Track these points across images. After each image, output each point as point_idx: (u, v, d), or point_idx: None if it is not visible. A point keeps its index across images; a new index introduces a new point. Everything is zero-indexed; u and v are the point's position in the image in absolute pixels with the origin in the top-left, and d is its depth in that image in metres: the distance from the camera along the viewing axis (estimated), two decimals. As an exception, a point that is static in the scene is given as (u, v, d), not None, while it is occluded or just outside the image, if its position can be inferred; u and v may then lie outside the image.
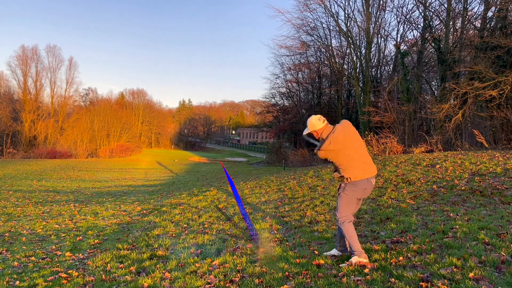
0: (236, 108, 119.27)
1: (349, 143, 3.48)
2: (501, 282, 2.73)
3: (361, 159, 3.51)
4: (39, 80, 51.65)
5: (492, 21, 14.94)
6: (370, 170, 3.53)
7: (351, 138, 3.51)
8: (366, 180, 3.50)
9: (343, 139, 3.45)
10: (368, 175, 3.51)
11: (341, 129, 3.49)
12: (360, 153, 3.53)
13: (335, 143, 3.43)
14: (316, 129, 3.56)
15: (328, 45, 29.06)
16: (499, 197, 5.48)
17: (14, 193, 12.62)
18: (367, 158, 3.58)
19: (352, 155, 3.48)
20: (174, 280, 3.62)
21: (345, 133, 3.49)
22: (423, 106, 18.43)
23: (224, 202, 8.24)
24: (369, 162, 3.56)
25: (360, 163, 3.49)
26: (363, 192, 3.57)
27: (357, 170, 3.48)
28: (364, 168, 3.50)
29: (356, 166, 3.48)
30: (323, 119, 3.59)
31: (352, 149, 3.49)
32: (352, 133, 3.54)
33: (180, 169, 31.10)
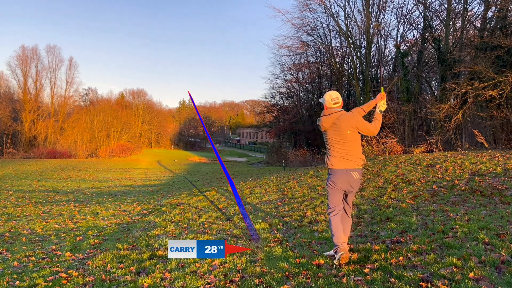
0: (236, 108, 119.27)
1: (335, 131, 3.58)
2: (501, 282, 2.73)
3: (344, 151, 3.56)
4: (39, 80, 51.67)
5: (492, 21, 14.94)
6: (350, 163, 3.55)
7: (340, 127, 3.57)
8: (344, 171, 3.54)
9: (329, 125, 3.60)
10: (347, 166, 3.54)
11: (334, 116, 3.60)
12: (345, 145, 3.57)
13: (321, 123, 3.67)
14: (324, 104, 3.75)
15: (328, 45, 29.07)
16: (499, 197, 5.48)
17: (14, 193, 12.62)
18: (353, 151, 3.58)
19: (333, 143, 3.60)
20: (174, 280, 3.62)
21: (335, 120, 3.58)
22: (423, 106, 18.43)
23: (224, 202, 8.24)
24: (353, 155, 3.57)
25: (341, 153, 3.56)
26: (344, 183, 3.59)
27: (336, 159, 3.58)
28: (344, 159, 3.55)
29: (335, 155, 3.58)
30: (336, 100, 3.69)
31: (336, 137, 3.58)
32: (345, 123, 3.57)
33: (180, 169, 31.10)
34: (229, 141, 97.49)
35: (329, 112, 3.64)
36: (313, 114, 33.34)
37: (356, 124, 3.60)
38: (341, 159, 3.56)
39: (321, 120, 3.66)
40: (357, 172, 3.58)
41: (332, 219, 3.68)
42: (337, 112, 3.63)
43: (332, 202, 3.69)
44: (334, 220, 3.65)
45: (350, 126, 3.58)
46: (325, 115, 3.65)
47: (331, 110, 3.66)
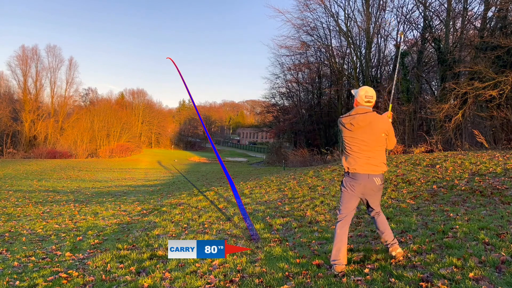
0: (236, 108, 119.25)
1: (367, 132, 3.30)
2: (501, 282, 2.73)
3: (370, 153, 3.31)
4: (39, 80, 51.65)
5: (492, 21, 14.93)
6: (374, 168, 3.31)
7: (376, 128, 3.30)
8: (367, 176, 3.30)
9: (365, 124, 3.29)
10: (370, 171, 3.30)
11: (371, 116, 3.29)
12: (374, 148, 3.31)
13: (356, 121, 3.30)
14: (355, 97, 3.48)
15: (328, 45, 29.07)
16: (499, 197, 5.48)
17: (14, 193, 12.62)
18: (379, 156, 3.35)
19: (361, 145, 3.31)
20: (174, 280, 3.62)
21: (371, 120, 3.29)
22: (423, 106, 18.43)
23: (224, 202, 8.24)
24: (378, 160, 3.33)
25: (367, 156, 3.30)
26: (365, 189, 3.35)
27: (359, 163, 3.31)
28: (369, 163, 3.30)
29: (360, 158, 3.31)
30: (370, 99, 3.37)
31: (367, 138, 3.29)
32: (381, 125, 3.32)
33: (180, 169, 31.10)
34: (229, 141, 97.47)
35: (363, 111, 3.32)
36: (313, 114, 33.35)
37: (388, 130, 3.37)
38: (366, 163, 3.31)
39: (356, 118, 3.29)
40: (379, 178, 3.35)
41: (337, 228, 3.42)
42: (372, 112, 3.34)
43: (345, 208, 3.43)
44: (341, 230, 3.40)
45: (384, 129, 3.34)
46: (359, 113, 3.30)
47: (364, 108, 3.36)
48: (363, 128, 3.29)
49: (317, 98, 34.48)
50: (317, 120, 32.82)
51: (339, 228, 3.42)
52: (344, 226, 3.42)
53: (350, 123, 3.33)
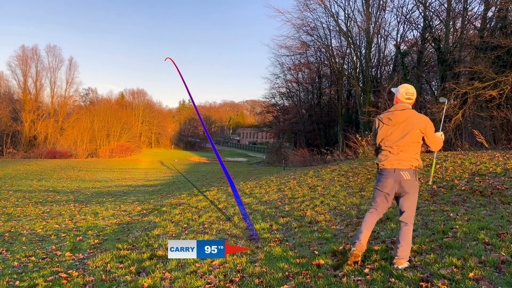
0: (236, 108, 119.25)
1: (403, 129, 3.31)
2: (501, 282, 2.73)
3: (401, 148, 3.30)
4: (39, 80, 51.65)
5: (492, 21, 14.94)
6: (403, 162, 3.29)
7: (411, 124, 3.30)
8: (393, 170, 3.30)
9: (402, 120, 3.31)
10: (397, 165, 3.29)
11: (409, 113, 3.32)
12: (407, 144, 3.30)
13: (394, 117, 3.34)
14: (396, 95, 3.50)
15: (328, 45, 29.08)
16: (499, 197, 5.48)
17: (14, 193, 12.62)
18: (412, 152, 3.31)
19: (394, 140, 3.33)
20: (174, 280, 3.62)
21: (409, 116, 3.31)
22: (423, 106, 18.43)
23: (224, 202, 8.24)
24: (409, 155, 3.30)
25: (397, 151, 3.32)
26: (393, 185, 3.32)
27: (388, 158, 3.35)
28: (398, 159, 3.30)
29: (391, 153, 3.34)
30: (410, 96, 3.39)
31: (401, 134, 3.31)
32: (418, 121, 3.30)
33: (180, 169, 31.10)
34: (229, 141, 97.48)
35: (402, 107, 3.35)
36: (313, 114, 33.37)
37: (427, 127, 3.31)
38: (396, 158, 3.31)
39: (394, 114, 3.34)
40: (407, 172, 3.28)
41: (366, 215, 3.50)
42: (411, 109, 3.36)
43: (375, 202, 3.49)
44: (368, 216, 3.47)
45: (421, 126, 3.29)
46: (398, 110, 3.35)
47: (403, 105, 3.38)
48: (400, 124, 3.33)
49: (317, 98, 34.50)
50: (317, 120, 32.83)
51: (366, 217, 3.50)
52: (371, 217, 3.48)
53: (388, 118, 3.38)
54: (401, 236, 3.30)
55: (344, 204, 6.51)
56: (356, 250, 3.36)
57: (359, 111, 22.81)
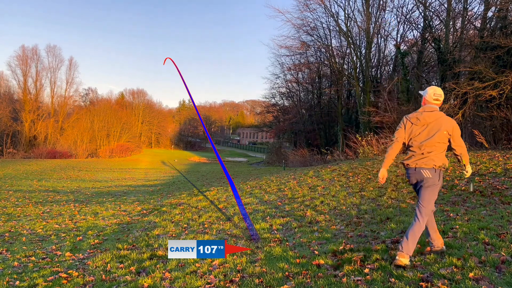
0: (236, 108, 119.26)
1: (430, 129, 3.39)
2: (501, 282, 2.73)
3: (427, 149, 3.37)
4: (39, 80, 51.64)
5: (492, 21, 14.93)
6: (425, 161, 3.38)
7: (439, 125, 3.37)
8: (413, 169, 3.44)
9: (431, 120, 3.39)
10: (420, 165, 3.39)
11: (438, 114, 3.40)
12: (430, 144, 3.37)
13: (422, 117, 3.41)
14: (424, 96, 3.55)
15: (328, 45, 29.08)
16: (499, 197, 5.48)
17: (14, 193, 12.62)
18: (437, 152, 3.38)
19: (421, 140, 3.40)
20: (174, 280, 3.62)
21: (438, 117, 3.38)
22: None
23: (224, 202, 8.24)
24: (433, 155, 3.37)
25: (421, 151, 3.40)
26: (415, 181, 3.48)
27: (414, 157, 3.46)
28: (422, 158, 3.40)
29: (416, 152, 3.43)
30: (438, 97, 3.46)
31: (429, 134, 3.38)
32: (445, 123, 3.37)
33: (180, 169, 31.11)
34: (229, 141, 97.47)
35: (430, 109, 3.43)
36: (313, 114, 33.38)
37: (454, 130, 3.38)
38: (420, 158, 3.41)
39: (423, 115, 3.42)
40: (428, 171, 3.37)
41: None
42: (438, 111, 3.44)
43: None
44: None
45: (449, 128, 3.36)
46: (426, 111, 3.43)
47: (432, 106, 3.45)
48: (428, 124, 3.41)
49: (317, 98, 34.50)
50: (317, 120, 32.84)
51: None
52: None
53: (416, 118, 3.46)
54: (411, 231, 3.35)
55: (344, 204, 6.51)
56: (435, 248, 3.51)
57: (359, 111, 22.80)
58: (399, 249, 3.31)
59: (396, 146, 3.58)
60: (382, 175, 3.64)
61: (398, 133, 3.56)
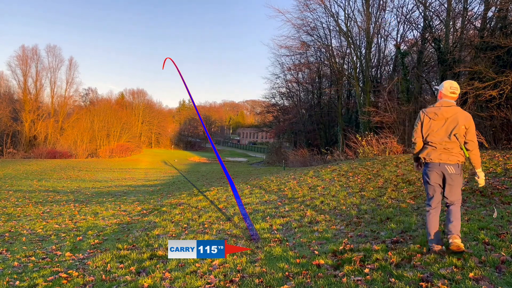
0: (236, 108, 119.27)
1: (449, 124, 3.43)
2: (501, 282, 2.73)
3: (446, 145, 3.45)
4: (39, 80, 51.64)
5: (492, 21, 14.93)
6: (448, 157, 3.45)
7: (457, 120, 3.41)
8: (438, 164, 3.46)
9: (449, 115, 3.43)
10: (444, 160, 3.45)
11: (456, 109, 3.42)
12: (451, 139, 3.43)
13: (440, 112, 3.45)
14: (440, 90, 3.58)
15: (328, 45, 29.07)
16: (499, 197, 5.48)
17: (14, 193, 12.62)
18: (456, 148, 3.46)
19: (440, 135, 3.45)
20: (174, 280, 3.62)
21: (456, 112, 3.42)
22: (423, 106, 18.40)
23: (224, 202, 8.24)
24: (453, 150, 3.45)
25: (442, 147, 3.46)
26: (438, 177, 3.49)
27: (434, 152, 3.48)
28: (444, 153, 3.45)
29: (437, 147, 3.47)
30: (454, 90, 3.50)
31: (447, 129, 3.43)
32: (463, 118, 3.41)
33: (180, 169, 31.11)
34: (229, 141, 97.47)
35: (447, 104, 3.47)
36: (313, 114, 33.37)
37: (470, 124, 3.44)
38: (442, 153, 3.46)
39: (441, 109, 3.46)
40: (452, 166, 3.45)
41: (427, 217, 3.59)
42: (455, 106, 3.48)
43: (429, 197, 3.61)
44: (429, 218, 3.55)
45: (466, 122, 3.42)
46: (444, 106, 3.47)
47: (449, 101, 3.49)
48: (446, 119, 3.45)
49: (317, 98, 34.50)
50: (317, 120, 32.84)
51: (427, 215, 3.59)
52: (429, 212, 3.56)
53: (434, 113, 3.50)
54: (451, 215, 3.44)
55: (344, 204, 6.51)
56: (436, 247, 3.48)
57: (359, 111, 22.79)
58: (449, 233, 3.33)
59: (418, 146, 3.66)
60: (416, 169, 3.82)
61: (417, 133, 3.62)
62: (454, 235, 3.32)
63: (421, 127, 3.58)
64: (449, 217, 3.45)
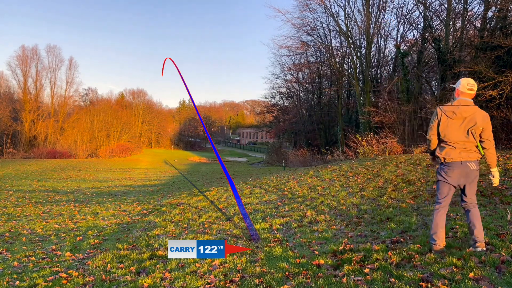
0: (236, 108, 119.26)
1: (467, 123, 3.39)
2: (501, 282, 2.73)
3: (464, 144, 3.42)
4: (39, 80, 51.63)
5: (492, 21, 14.93)
6: (468, 154, 3.42)
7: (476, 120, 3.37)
8: (460, 163, 3.42)
9: (468, 115, 3.38)
10: (464, 158, 3.41)
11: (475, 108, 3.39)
12: (468, 138, 3.40)
13: (459, 111, 3.40)
14: (457, 88, 3.55)
15: (328, 45, 29.07)
16: (499, 197, 5.48)
17: (14, 193, 12.62)
18: (472, 145, 3.43)
19: (459, 134, 3.41)
20: (174, 280, 3.62)
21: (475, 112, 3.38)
22: (423, 106, 18.42)
23: (224, 202, 8.24)
24: (471, 148, 3.43)
25: (461, 146, 3.42)
26: (460, 176, 3.45)
27: (454, 152, 3.44)
28: (463, 151, 3.42)
29: (455, 147, 3.43)
30: (472, 87, 3.47)
31: (466, 128, 3.40)
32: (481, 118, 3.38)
33: (180, 169, 31.11)
34: (229, 141, 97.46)
35: (466, 103, 3.43)
36: (313, 114, 33.38)
37: (487, 124, 3.41)
38: (462, 151, 3.42)
39: (460, 108, 3.41)
40: (473, 163, 3.43)
41: (434, 214, 3.55)
42: (474, 105, 3.44)
43: (441, 196, 3.56)
44: (437, 216, 3.53)
45: (484, 122, 3.40)
46: (462, 105, 3.42)
47: (467, 100, 3.45)
48: (465, 118, 3.41)
49: (317, 98, 34.51)
50: (317, 120, 32.84)
51: (435, 214, 3.55)
52: (438, 211, 3.54)
53: (453, 112, 3.44)
54: (474, 220, 3.43)
55: (344, 204, 6.51)
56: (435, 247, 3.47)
57: (359, 111, 22.80)
58: (477, 240, 3.36)
59: (433, 144, 3.64)
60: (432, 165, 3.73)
61: (432, 131, 3.59)
62: (481, 243, 3.37)
63: (438, 125, 3.53)
64: (474, 221, 3.43)
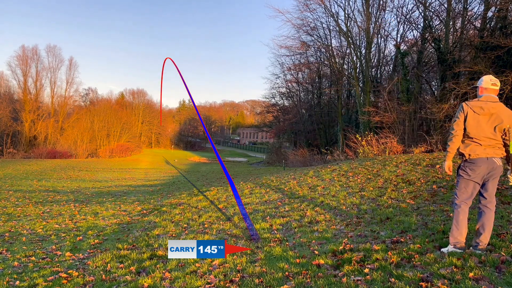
0: (236, 108, 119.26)
1: (493, 121, 3.37)
2: (501, 282, 2.73)
3: (490, 141, 3.38)
4: (39, 80, 51.64)
5: (492, 21, 14.93)
6: (494, 151, 3.40)
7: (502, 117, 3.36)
8: (486, 159, 3.37)
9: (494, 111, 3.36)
10: (490, 154, 3.38)
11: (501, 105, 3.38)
12: (493, 135, 3.38)
13: (487, 107, 3.36)
14: (480, 85, 3.55)
15: (328, 45, 29.08)
16: (499, 197, 5.48)
17: (14, 193, 12.62)
18: (498, 142, 3.42)
19: (485, 132, 3.37)
20: (174, 280, 3.62)
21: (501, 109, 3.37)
22: (423, 106, 18.42)
23: (224, 202, 8.24)
24: (496, 145, 3.41)
25: (486, 143, 3.38)
26: (485, 172, 3.41)
27: (480, 148, 3.38)
28: (489, 148, 3.38)
29: (481, 143, 3.38)
30: (495, 82, 3.48)
31: (492, 126, 3.37)
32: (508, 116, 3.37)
33: (180, 169, 31.11)
34: (229, 141, 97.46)
35: (492, 99, 3.40)
36: (313, 114, 33.38)
37: None
38: (487, 147, 3.39)
39: (487, 104, 3.38)
40: (500, 159, 3.42)
41: (456, 213, 3.50)
42: (499, 102, 3.42)
43: (463, 194, 3.50)
44: (458, 214, 3.48)
45: (511, 122, 3.37)
46: (489, 101, 3.38)
47: (493, 97, 3.43)
48: (492, 115, 3.39)
49: (317, 98, 34.51)
50: (317, 120, 32.85)
51: (457, 212, 3.51)
52: (460, 208, 3.49)
53: (480, 107, 3.39)
54: (486, 223, 3.41)
55: (344, 204, 6.51)
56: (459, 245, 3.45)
57: (359, 111, 22.80)
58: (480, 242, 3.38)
59: (457, 140, 3.51)
60: (448, 166, 3.62)
61: (458, 126, 3.48)
62: (484, 246, 3.37)
63: (464, 120, 3.45)
64: (485, 225, 3.40)
